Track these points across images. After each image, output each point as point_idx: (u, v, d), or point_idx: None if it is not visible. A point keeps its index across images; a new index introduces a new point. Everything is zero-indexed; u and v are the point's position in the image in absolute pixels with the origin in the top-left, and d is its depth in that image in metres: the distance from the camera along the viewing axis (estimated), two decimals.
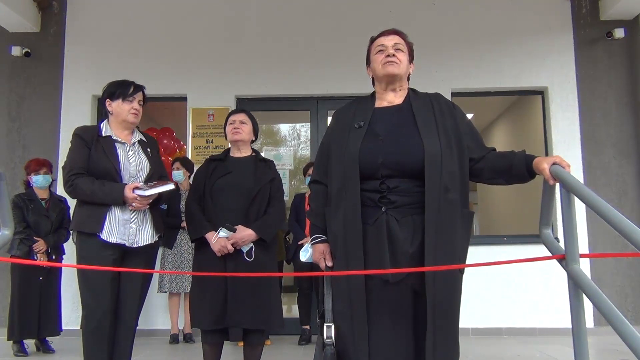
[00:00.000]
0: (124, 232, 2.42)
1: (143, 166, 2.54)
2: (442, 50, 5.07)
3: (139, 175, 2.51)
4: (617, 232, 1.34)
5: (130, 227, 2.44)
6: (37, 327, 4.02)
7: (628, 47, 5.11)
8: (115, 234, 2.40)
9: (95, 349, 2.39)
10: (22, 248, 3.97)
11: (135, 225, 2.46)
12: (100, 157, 2.45)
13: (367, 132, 1.83)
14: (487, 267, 4.40)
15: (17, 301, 3.98)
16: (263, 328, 2.63)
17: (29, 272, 4.00)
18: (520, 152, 1.77)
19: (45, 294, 4.06)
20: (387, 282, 1.71)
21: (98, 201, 2.39)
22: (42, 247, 4.04)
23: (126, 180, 2.46)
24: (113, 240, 2.40)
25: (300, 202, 4.60)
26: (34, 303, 4.00)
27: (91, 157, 2.45)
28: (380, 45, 1.91)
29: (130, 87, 2.56)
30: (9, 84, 5.25)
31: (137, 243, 2.47)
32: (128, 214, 2.44)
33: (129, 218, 2.44)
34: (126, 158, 2.50)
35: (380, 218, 1.74)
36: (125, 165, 2.48)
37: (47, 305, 4.07)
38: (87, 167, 2.44)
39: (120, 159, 2.48)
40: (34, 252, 4.02)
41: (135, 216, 2.46)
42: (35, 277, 4.03)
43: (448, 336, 1.71)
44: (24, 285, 4.00)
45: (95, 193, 2.38)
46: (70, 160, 2.46)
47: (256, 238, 2.61)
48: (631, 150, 5.03)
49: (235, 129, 2.76)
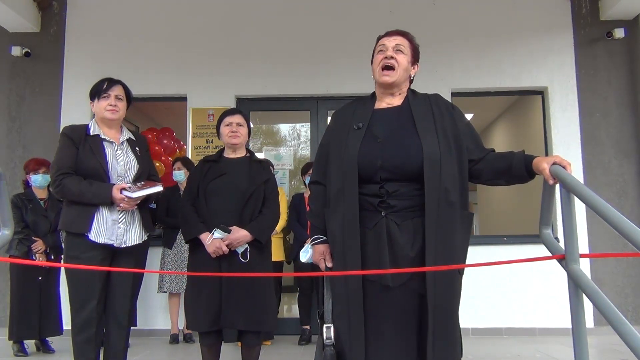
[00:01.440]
0: (112, 232, 2.41)
1: (131, 165, 2.52)
2: (442, 50, 5.07)
3: (127, 175, 2.49)
4: (617, 232, 1.34)
5: (119, 228, 2.44)
6: (38, 327, 4.01)
7: (628, 47, 5.11)
8: (104, 234, 2.40)
9: (84, 348, 2.39)
10: (20, 248, 3.97)
11: (123, 225, 2.45)
12: (88, 156, 2.43)
13: (366, 134, 1.82)
14: (487, 267, 4.40)
15: (16, 301, 3.98)
16: (257, 329, 2.62)
17: (28, 272, 4.00)
18: (519, 153, 1.77)
19: (44, 294, 4.06)
20: (388, 286, 1.70)
21: (86, 201, 2.38)
22: (40, 247, 4.04)
23: (114, 179, 2.45)
24: (101, 240, 2.39)
25: (300, 201, 4.59)
26: (33, 303, 3.99)
27: (79, 157, 2.43)
28: (382, 45, 1.91)
29: (104, 83, 2.53)
30: (9, 84, 5.25)
31: (126, 243, 2.46)
32: (116, 214, 2.43)
33: (117, 218, 2.44)
34: (114, 157, 2.49)
35: (380, 222, 1.73)
36: (113, 164, 2.47)
37: (47, 305, 4.07)
38: (75, 166, 2.42)
39: (108, 158, 2.46)
40: (33, 252, 4.01)
41: (123, 216, 2.45)
42: (34, 277, 4.03)
43: (448, 338, 1.70)
44: (23, 285, 4.00)
45: (83, 193, 2.37)
46: (58, 160, 2.44)
47: (251, 239, 2.60)
48: (631, 150, 5.03)
49: (233, 132, 2.74)
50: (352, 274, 1.72)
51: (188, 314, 2.68)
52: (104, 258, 2.41)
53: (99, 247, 2.39)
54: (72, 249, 2.42)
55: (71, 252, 2.42)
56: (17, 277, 4.02)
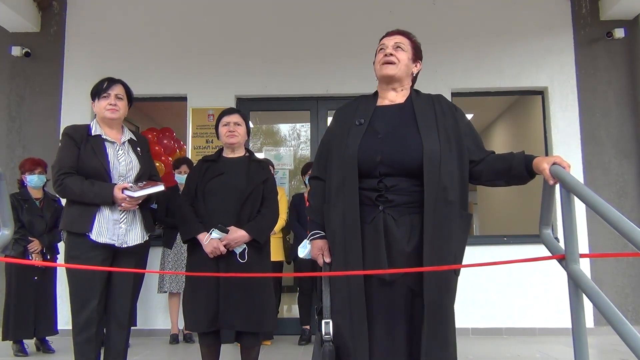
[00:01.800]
0: (113, 232, 2.41)
1: (133, 165, 2.52)
2: (442, 50, 5.07)
3: (128, 175, 2.49)
4: (617, 232, 1.34)
5: (120, 227, 2.44)
6: (34, 327, 4.01)
7: (628, 47, 5.11)
8: (105, 234, 2.40)
9: (84, 348, 2.39)
10: (16, 248, 3.97)
11: (124, 225, 2.45)
12: (90, 156, 2.43)
13: (367, 130, 1.84)
14: (487, 267, 4.40)
15: (12, 301, 3.98)
16: (255, 330, 2.61)
17: (24, 272, 4.00)
18: (519, 153, 1.77)
19: (40, 293, 4.06)
20: (384, 281, 1.72)
21: (87, 201, 2.38)
22: (37, 247, 4.04)
23: (116, 179, 2.45)
24: (102, 240, 2.39)
25: (300, 201, 4.59)
26: (29, 303, 3.99)
27: (80, 157, 2.43)
28: (382, 45, 1.94)
29: (104, 83, 2.53)
30: (9, 83, 5.25)
31: (127, 243, 2.46)
32: (117, 214, 2.43)
33: (119, 218, 2.44)
34: (115, 157, 2.49)
35: (377, 217, 1.75)
36: (115, 164, 2.47)
37: (43, 305, 4.07)
38: (76, 166, 2.42)
39: (110, 158, 2.47)
40: (29, 252, 4.01)
41: (124, 216, 2.45)
42: (30, 276, 4.03)
43: (441, 337, 1.71)
44: (19, 285, 4.00)
45: (85, 193, 2.37)
46: (60, 160, 2.44)
47: (249, 239, 2.59)
48: (631, 150, 5.03)
49: (231, 131, 2.73)
50: (354, 273, 1.72)
51: (186, 315, 2.67)
52: (105, 258, 2.41)
53: (100, 247, 2.39)
54: (73, 249, 2.42)
55: (72, 252, 2.41)
56: (12, 276, 4.01)
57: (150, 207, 2.69)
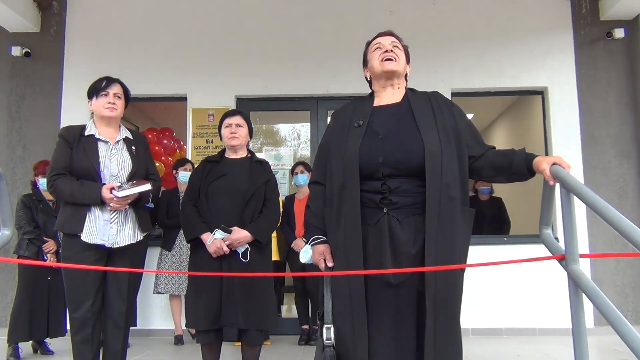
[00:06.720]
0: (103, 232, 2.41)
1: (125, 165, 2.52)
2: (442, 50, 5.07)
3: (120, 174, 2.48)
4: (617, 232, 1.34)
5: (111, 228, 2.43)
6: (47, 328, 3.98)
7: (628, 47, 5.11)
8: (95, 234, 2.40)
9: (81, 348, 2.40)
10: (31, 248, 3.94)
11: (115, 225, 2.45)
12: (81, 156, 2.44)
13: (366, 131, 1.83)
14: (488, 267, 4.40)
15: (25, 302, 3.92)
16: (258, 327, 2.64)
17: (37, 273, 3.97)
18: (520, 151, 1.77)
19: (53, 294, 4.02)
20: (390, 284, 1.70)
21: (77, 201, 2.39)
22: (52, 247, 4.01)
23: (107, 179, 2.44)
24: (93, 241, 2.39)
25: (289, 203, 4.59)
26: (42, 304, 3.96)
27: (72, 157, 2.44)
28: (378, 44, 1.94)
29: (102, 81, 2.54)
30: (9, 83, 5.25)
31: (118, 243, 2.45)
32: (108, 214, 2.43)
33: (109, 218, 2.44)
34: (108, 157, 2.48)
35: (381, 219, 1.73)
36: (106, 164, 2.46)
37: (56, 305, 4.03)
38: (69, 167, 2.43)
39: (102, 158, 2.46)
40: (44, 252, 4.00)
41: (115, 216, 2.45)
42: (44, 277, 4.00)
43: (449, 336, 1.69)
44: (32, 286, 3.96)
45: (74, 193, 2.38)
46: (53, 161, 2.47)
47: (252, 239, 2.63)
48: (631, 150, 5.03)
49: (232, 133, 2.76)
50: (354, 273, 1.72)
51: (188, 313, 2.70)
52: (98, 258, 2.41)
53: (93, 248, 2.40)
54: (66, 249, 2.43)
55: (66, 253, 2.44)
56: (26, 277, 3.97)
57: (147, 206, 2.68)
